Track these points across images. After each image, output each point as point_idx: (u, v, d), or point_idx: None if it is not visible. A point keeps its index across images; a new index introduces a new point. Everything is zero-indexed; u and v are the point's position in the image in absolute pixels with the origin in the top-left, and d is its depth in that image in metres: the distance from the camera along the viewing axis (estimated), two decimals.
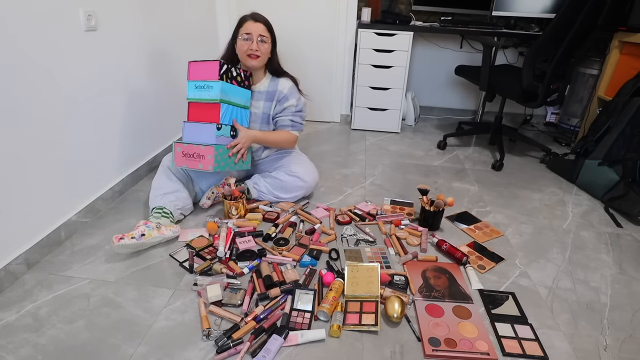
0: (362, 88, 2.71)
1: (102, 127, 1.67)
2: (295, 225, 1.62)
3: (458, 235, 1.63)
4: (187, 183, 1.68)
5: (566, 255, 1.54)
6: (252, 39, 1.59)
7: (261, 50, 1.61)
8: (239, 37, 1.62)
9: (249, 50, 1.60)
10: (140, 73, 1.89)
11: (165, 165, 1.66)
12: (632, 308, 1.29)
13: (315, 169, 1.82)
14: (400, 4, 2.91)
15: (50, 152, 1.40)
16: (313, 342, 1.11)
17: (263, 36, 1.61)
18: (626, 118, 1.93)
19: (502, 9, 2.62)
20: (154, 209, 1.54)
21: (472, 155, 2.48)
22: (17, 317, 1.15)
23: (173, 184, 1.61)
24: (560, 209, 1.87)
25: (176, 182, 1.63)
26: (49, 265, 1.37)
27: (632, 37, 2.21)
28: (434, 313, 1.21)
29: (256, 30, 1.59)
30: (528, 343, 1.13)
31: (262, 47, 1.61)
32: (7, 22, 1.20)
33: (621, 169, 1.88)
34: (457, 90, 3.20)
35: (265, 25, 1.62)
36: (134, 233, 1.38)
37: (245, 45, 1.60)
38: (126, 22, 1.75)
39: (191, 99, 1.57)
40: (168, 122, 2.20)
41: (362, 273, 1.30)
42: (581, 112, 2.81)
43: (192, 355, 1.06)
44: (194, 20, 2.42)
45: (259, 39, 1.60)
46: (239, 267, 1.36)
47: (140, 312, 1.18)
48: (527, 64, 2.07)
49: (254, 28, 1.59)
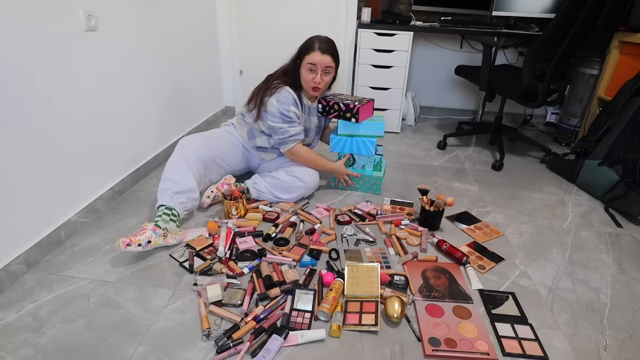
0: (362, 88, 2.71)
1: (102, 127, 1.67)
2: (295, 225, 1.62)
3: (458, 235, 1.63)
4: (201, 177, 1.63)
5: (566, 255, 1.54)
6: (317, 71, 1.60)
7: (324, 82, 1.64)
8: (304, 62, 1.61)
9: (313, 82, 1.62)
10: (140, 73, 1.89)
11: (186, 153, 1.57)
12: (632, 308, 1.29)
13: (315, 170, 1.82)
14: (400, 4, 2.91)
15: (50, 151, 1.40)
16: (313, 342, 1.11)
17: (328, 67, 1.61)
18: (626, 118, 1.93)
19: (502, 9, 2.62)
20: (162, 206, 1.49)
21: (472, 155, 2.48)
22: (17, 317, 1.15)
23: (189, 180, 1.54)
24: (560, 209, 1.87)
25: (192, 178, 1.55)
26: (49, 265, 1.37)
27: (632, 37, 2.21)
28: (434, 313, 1.21)
29: (322, 63, 1.59)
30: (528, 343, 1.13)
31: (325, 78, 1.64)
32: (7, 22, 1.20)
33: (621, 169, 1.88)
34: (457, 90, 3.20)
35: (332, 57, 1.61)
36: (141, 239, 1.34)
37: (310, 76, 1.62)
38: (126, 22, 1.75)
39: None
40: (168, 122, 2.20)
41: (362, 273, 1.30)
42: (581, 112, 2.81)
43: (192, 355, 1.06)
44: (194, 20, 2.42)
45: (324, 72, 1.61)
46: (239, 267, 1.36)
47: (140, 312, 1.18)
48: (527, 64, 2.07)
49: (320, 61, 1.59)
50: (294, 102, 1.65)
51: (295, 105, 1.65)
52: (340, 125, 1.84)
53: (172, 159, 1.59)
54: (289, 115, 1.64)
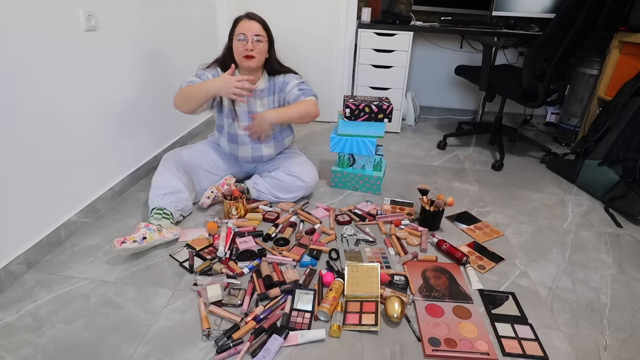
0: (362, 88, 2.71)
1: (102, 127, 1.67)
2: (295, 225, 1.62)
3: (458, 235, 1.63)
4: (188, 183, 1.67)
5: (566, 255, 1.54)
6: (248, 38, 1.55)
7: (257, 50, 1.57)
8: (234, 38, 1.59)
9: (245, 50, 1.56)
10: (140, 73, 1.89)
11: (167, 163, 1.63)
12: (632, 308, 1.29)
13: (314, 169, 1.82)
14: (400, 4, 2.91)
15: (50, 151, 1.40)
16: (313, 342, 1.11)
17: (259, 35, 1.57)
18: (626, 118, 1.93)
19: (502, 9, 2.62)
20: (154, 209, 1.53)
21: (472, 155, 2.48)
22: (17, 317, 1.15)
23: (175, 183, 1.58)
24: (560, 209, 1.87)
25: (178, 181, 1.59)
26: (49, 265, 1.37)
27: (632, 37, 2.21)
28: (434, 313, 1.21)
29: (251, 29, 1.56)
30: (528, 343, 1.13)
31: (258, 46, 1.57)
32: (7, 21, 1.20)
33: (621, 169, 1.88)
34: (457, 90, 3.20)
35: (261, 24, 1.59)
36: (136, 236, 1.37)
37: (241, 46, 1.56)
38: (126, 22, 1.75)
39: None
40: (168, 122, 2.20)
41: (362, 273, 1.30)
42: (581, 112, 2.81)
43: (192, 355, 1.06)
44: (194, 20, 2.42)
45: (255, 39, 1.56)
46: (239, 267, 1.36)
47: (140, 312, 1.18)
48: (527, 64, 2.07)
49: (248, 27, 1.56)
50: (211, 74, 1.64)
51: (208, 76, 1.63)
52: (340, 125, 1.84)
53: (156, 171, 1.63)
54: (200, 75, 1.63)
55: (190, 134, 2.46)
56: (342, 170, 1.91)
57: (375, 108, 1.77)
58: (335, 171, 1.92)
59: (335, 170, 1.92)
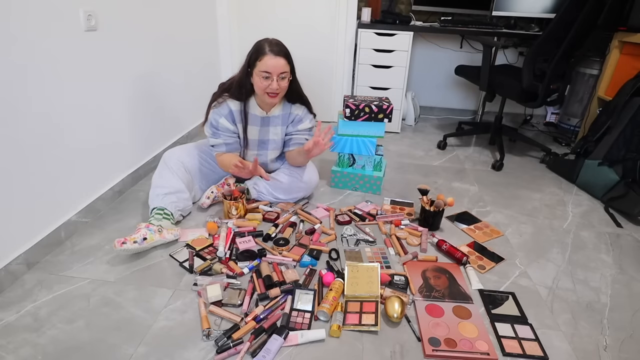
0: (362, 88, 2.71)
1: (102, 127, 1.67)
2: (295, 225, 1.62)
3: (458, 235, 1.63)
4: (188, 182, 1.66)
5: (566, 255, 1.54)
6: (272, 77, 1.48)
7: (282, 88, 1.53)
8: (257, 72, 1.49)
9: (269, 89, 1.50)
10: (140, 73, 1.89)
11: (168, 163, 1.61)
12: (632, 308, 1.29)
13: (315, 170, 1.82)
14: (400, 4, 2.91)
15: (50, 152, 1.40)
16: (313, 342, 1.11)
17: (283, 73, 1.50)
18: (626, 118, 1.93)
19: (502, 9, 2.62)
20: (154, 209, 1.52)
21: (472, 155, 2.48)
22: (17, 317, 1.15)
23: (175, 182, 1.57)
24: (560, 209, 1.87)
25: (178, 180, 1.58)
26: (49, 265, 1.37)
27: (632, 37, 2.21)
28: (434, 313, 1.21)
29: (276, 68, 1.47)
30: (528, 343, 1.13)
31: (282, 83, 1.52)
32: (7, 21, 1.20)
33: (621, 169, 1.88)
34: (457, 90, 3.20)
35: (286, 59, 1.50)
36: (136, 237, 1.37)
37: (264, 84, 1.49)
38: (126, 22, 1.75)
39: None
40: (168, 122, 2.20)
41: (362, 273, 1.30)
42: (581, 112, 2.81)
43: (192, 355, 1.06)
44: (194, 20, 2.42)
45: (280, 77, 1.50)
46: (239, 267, 1.36)
47: (140, 312, 1.18)
48: (527, 64, 2.07)
49: (274, 65, 1.46)
50: (227, 116, 1.60)
51: (227, 119, 1.60)
52: (340, 125, 1.84)
53: (156, 171, 1.62)
54: (216, 125, 1.60)
55: (190, 134, 2.46)
56: (342, 170, 1.91)
57: (375, 108, 1.77)
58: (335, 171, 1.92)
59: (335, 170, 1.92)
